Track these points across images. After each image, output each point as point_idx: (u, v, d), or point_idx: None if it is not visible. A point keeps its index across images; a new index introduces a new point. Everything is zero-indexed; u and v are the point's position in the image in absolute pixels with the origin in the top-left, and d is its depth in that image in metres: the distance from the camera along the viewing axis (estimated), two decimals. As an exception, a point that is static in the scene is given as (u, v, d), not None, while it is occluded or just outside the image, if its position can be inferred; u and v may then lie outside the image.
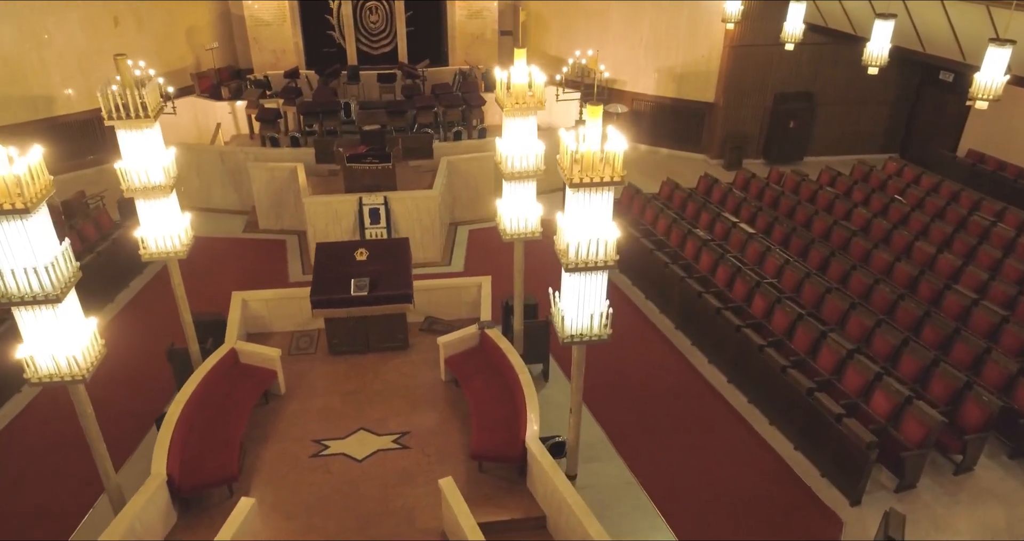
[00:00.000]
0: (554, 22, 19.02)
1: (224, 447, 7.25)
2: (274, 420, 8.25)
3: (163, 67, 17.41)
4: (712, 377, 10.42)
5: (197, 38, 18.27)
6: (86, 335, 5.75)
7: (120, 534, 6.11)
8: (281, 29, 18.44)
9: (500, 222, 8.20)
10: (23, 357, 5.51)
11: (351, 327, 9.15)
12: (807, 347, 9.83)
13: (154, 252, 7.52)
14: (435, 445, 7.91)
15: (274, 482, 7.44)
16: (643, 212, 13.92)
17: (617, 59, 18.17)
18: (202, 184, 15.18)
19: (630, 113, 18.64)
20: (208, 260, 13.64)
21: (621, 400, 9.88)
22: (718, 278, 11.59)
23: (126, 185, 7.07)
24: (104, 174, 16.00)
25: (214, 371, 8.14)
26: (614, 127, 5.57)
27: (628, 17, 17.64)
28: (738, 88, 17.04)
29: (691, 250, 12.36)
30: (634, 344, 11.13)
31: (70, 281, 5.46)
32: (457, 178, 14.41)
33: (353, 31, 18.70)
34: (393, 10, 18.52)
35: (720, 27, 15.97)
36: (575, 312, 6.11)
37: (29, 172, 4.94)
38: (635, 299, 12.36)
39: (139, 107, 6.68)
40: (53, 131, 16.24)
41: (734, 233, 12.70)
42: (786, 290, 11.24)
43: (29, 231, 5.06)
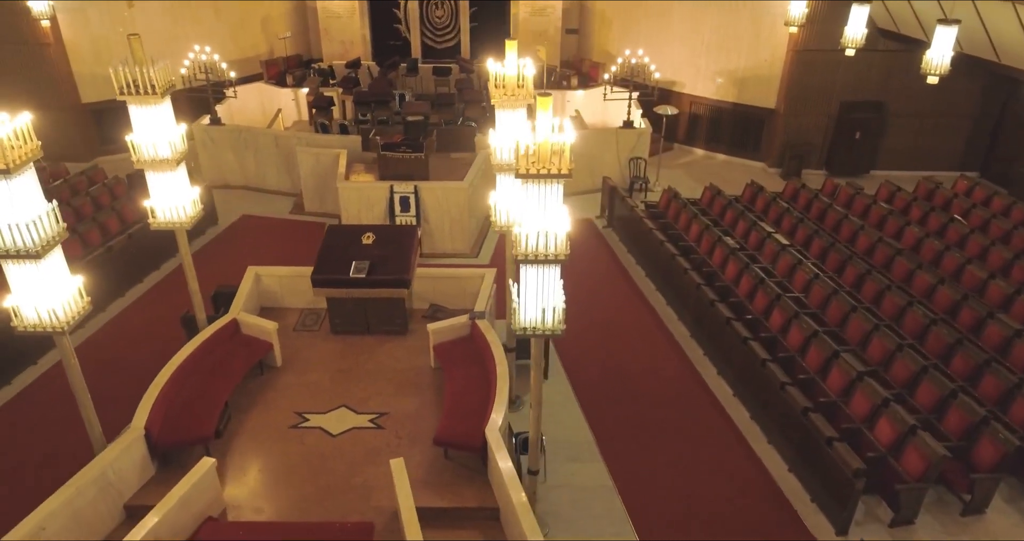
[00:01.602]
0: (616, 21, 18.82)
1: (206, 409, 7.64)
2: (264, 390, 8.62)
3: (238, 53, 18.43)
4: (718, 389, 10.09)
5: (272, 27, 19.20)
6: (69, 291, 6.21)
7: (91, 478, 6.56)
8: (351, 21, 19.12)
9: (492, 214, 8.23)
10: (10, 306, 6.02)
11: (352, 308, 9.42)
12: (818, 366, 9.36)
13: (162, 222, 8.00)
14: (408, 428, 8.05)
15: (249, 448, 7.78)
16: (677, 217, 13.59)
17: (677, 61, 17.80)
18: (258, 166, 15.97)
19: (687, 117, 18.23)
20: (253, 237, 14.41)
21: (617, 403, 9.74)
22: (741, 288, 11.20)
23: (136, 157, 7.57)
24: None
25: (213, 338, 8.59)
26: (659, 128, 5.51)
27: (690, 18, 17.24)
28: (801, 95, 16.34)
29: (718, 258, 11.99)
30: (643, 348, 10.93)
31: (54, 239, 5.91)
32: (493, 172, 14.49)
33: (419, 25, 19.16)
34: (458, 6, 18.83)
35: (783, 31, 15.37)
36: (528, 305, 6.08)
37: (14, 136, 5.40)
38: (655, 304, 12.12)
39: (148, 84, 7.13)
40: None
41: (768, 243, 12.22)
42: (811, 305, 10.73)
43: (13, 191, 5.52)
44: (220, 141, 15.80)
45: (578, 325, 11.34)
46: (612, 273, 13.08)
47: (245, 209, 15.39)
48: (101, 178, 14.59)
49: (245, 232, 14.55)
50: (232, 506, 7.10)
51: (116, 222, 13.13)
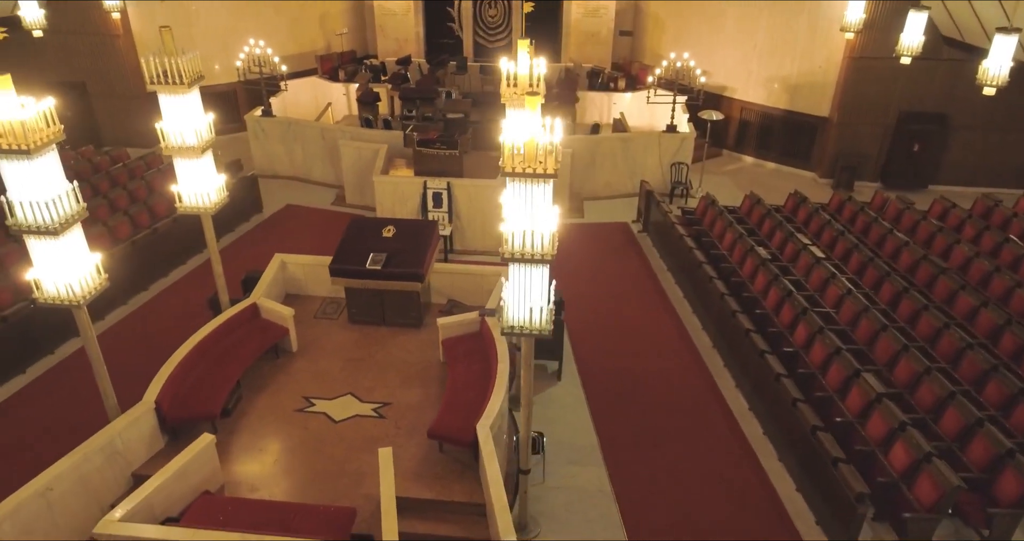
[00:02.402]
0: (670, 23, 18.54)
1: (216, 388, 7.95)
2: (276, 374, 8.90)
3: (295, 48, 19.02)
4: (734, 402, 9.85)
5: (329, 24, 19.72)
6: (87, 268, 6.57)
7: (99, 445, 6.93)
8: (405, 19, 19.47)
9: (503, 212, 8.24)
10: (31, 279, 6.42)
11: (368, 299, 9.62)
12: (838, 384, 9.03)
13: (188, 206, 8.37)
14: (409, 419, 8.17)
15: (255, 428, 8.06)
16: (713, 224, 13.30)
17: (728, 65, 17.41)
18: (305, 157, 16.46)
19: (737, 123, 17.81)
20: (293, 226, 14.85)
21: (628, 409, 9.63)
22: (768, 301, 10.88)
23: (164, 144, 7.94)
24: (236, 141, 17.75)
25: (232, 320, 8.92)
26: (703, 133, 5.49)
27: (743, 21, 16.83)
28: (856, 103, 15.73)
29: (749, 268, 11.68)
30: (662, 356, 10.76)
31: (73, 218, 6.28)
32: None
33: (472, 24, 19.33)
34: (511, 6, 18.92)
35: (839, 36, 14.84)
36: (516, 304, 6.09)
37: (37, 119, 5.76)
38: (681, 312, 11.91)
39: (176, 75, 7.47)
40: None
41: (802, 255, 11.83)
42: (840, 322, 10.35)
43: (34, 170, 5.89)
44: (270, 132, 16.35)
45: (598, 328, 11.31)
46: (640, 278, 12.91)
47: (289, 199, 15.87)
48: (157, 163, 15.30)
49: (287, 221, 15.01)
50: (231, 482, 7.38)
51: (165, 205, 13.72)
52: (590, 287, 12.54)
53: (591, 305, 11.97)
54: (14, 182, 5.91)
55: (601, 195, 15.88)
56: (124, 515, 6.13)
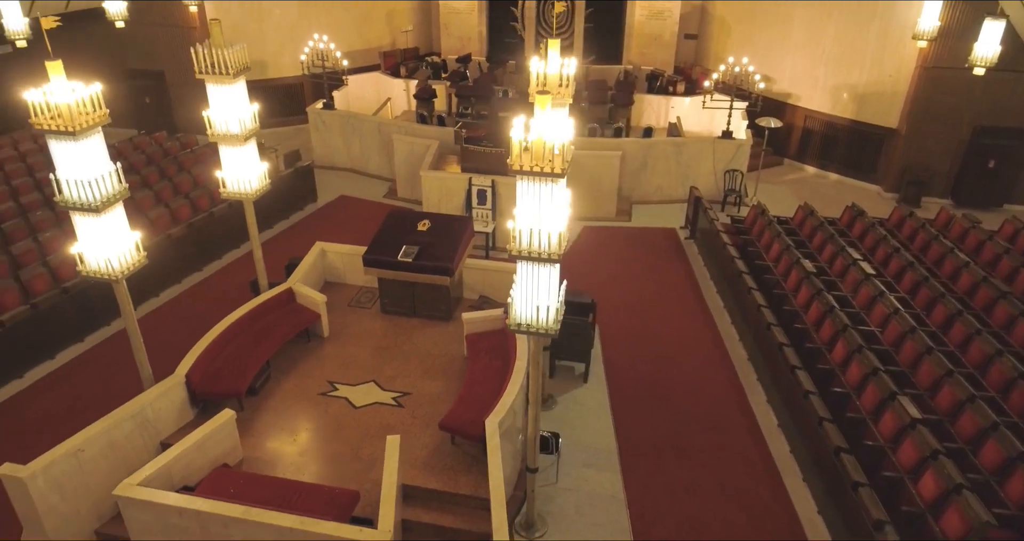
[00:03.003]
0: (735, 28, 18.12)
1: (244, 367, 8.28)
2: (306, 357, 9.20)
3: (361, 44, 19.54)
4: (763, 417, 9.58)
5: (395, 21, 20.16)
6: (126, 245, 6.96)
7: (129, 413, 7.34)
8: (469, 17, 19.70)
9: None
10: (75, 252, 6.85)
11: (400, 291, 9.81)
12: (872, 406, 8.65)
13: (230, 192, 8.74)
14: (426, 410, 8.30)
15: (279, 407, 8.35)
16: (761, 234, 12.94)
17: (794, 71, 16.89)
18: (362, 150, 16.89)
19: (800, 131, 17.26)
20: (344, 216, 15.27)
21: (652, 416, 9.49)
22: (809, 315, 10.52)
23: (211, 131, 8.32)
24: (300, 132, 18.38)
25: (268, 303, 9.27)
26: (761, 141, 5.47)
27: (811, 26, 16.28)
28: (927, 115, 14.99)
29: (793, 281, 11.31)
30: (694, 365, 10.55)
31: (114, 197, 6.66)
32: (579, 173, 14.47)
33: (534, 24, 19.39)
34: (574, 6, 18.88)
35: (912, 44, 14.18)
36: (523, 301, 6.11)
37: (82, 103, 6.14)
38: (719, 322, 11.64)
39: (223, 65, 7.82)
40: (265, 91, 18.99)
41: (851, 271, 11.37)
42: (884, 342, 9.91)
43: (80, 151, 6.29)
44: (330, 124, 16.85)
45: (632, 333, 11.19)
46: (681, 285, 12.69)
47: (344, 190, 16.32)
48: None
49: (338, 211, 15.44)
50: (250, 457, 7.68)
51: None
52: (629, 291, 12.41)
53: (627, 309, 11.85)
54: (62, 161, 6.33)
55: (652, 199, 15.68)
56: (143, 480, 6.48)
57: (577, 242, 14.19)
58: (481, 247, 13.35)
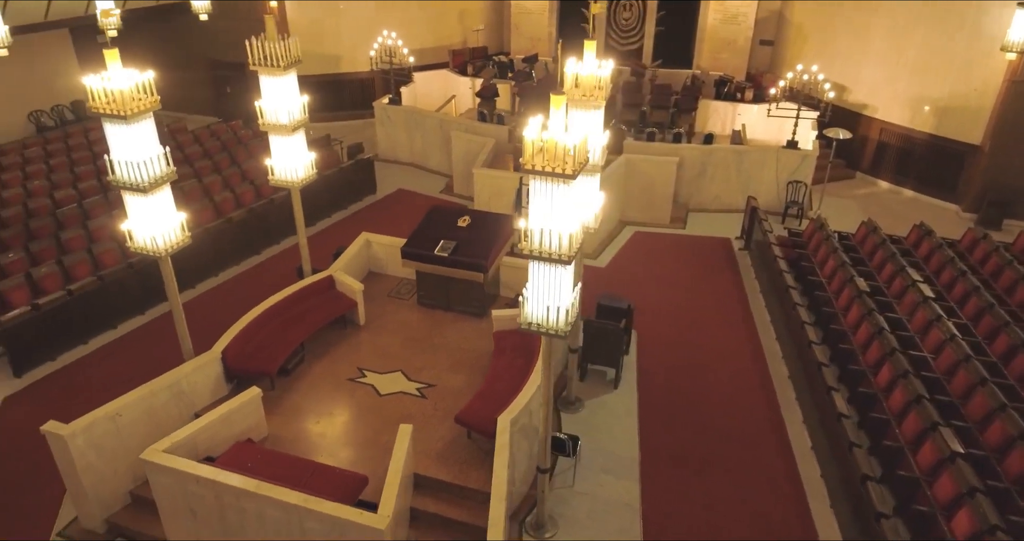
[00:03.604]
0: (813, 35, 17.47)
1: (277, 349, 8.62)
2: (340, 342, 9.48)
3: (433, 41, 19.92)
4: (797, 438, 9.24)
5: (468, 20, 20.43)
6: (171, 225, 7.37)
7: (165, 384, 7.77)
8: (540, 18, 19.77)
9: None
10: (125, 229, 7.31)
11: (436, 284, 9.98)
12: (912, 436, 8.21)
13: (278, 180, 9.10)
14: (448, 403, 8.42)
15: (307, 389, 8.65)
16: (817, 249, 12.44)
17: (872, 81, 16.15)
18: (423, 146, 17.22)
19: (875, 144, 16.50)
20: (399, 209, 15.62)
21: (680, 428, 9.30)
22: (858, 336, 10.07)
23: (262, 121, 8.69)
24: (369, 125, 18.87)
25: (308, 288, 9.60)
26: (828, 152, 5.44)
27: (893, 35, 15.51)
28: (1014, 132, 14.05)
29: (845, 299, 10.84)
30: (731, 380, 10.27)
31: (161, 179, 7.07)
32: (634, 178, 14.33)
33: (604, 26, 19.25)
34: (646, 9, 18.65)
35: (1001, 56, 13.33)
36: (535, 301, 6.12)
37: (134, 89, 6.55)
38: (763, 337, 11.28)
39: (275, 58, 8.16)
40: (338, 85, 19.68)
41: (910, 292, 10.81)
42: (936, 369, 9.37)
43: (131, 134, 6.71)
44: (395, 119, 17.26)
45: (670, 342, 11.00)
46: (729, 297, 12.35)
47: (403, 183, 16.69)
48: (291, 141, 16.63)
49: (395, 204, 15.80)
50: (274, 434, 7.99)
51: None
52: (673, 299, 12.18)
53: (670, 318, 11.64)
54: (115, 143, 6.77)
55: (709, 208, 15.33)
56: (169, 447, 6.85)
57: (626, 247, 14.05)
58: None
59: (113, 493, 7.54)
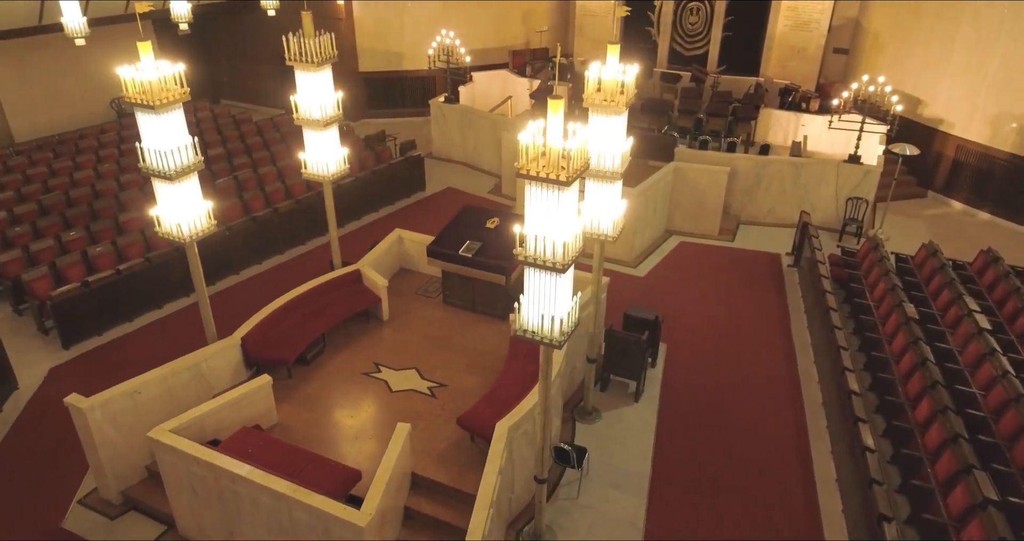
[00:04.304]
0: (890, 45, 16.57)
1: (297, 338, 8.79)
2: (361, 336, 9.60)
3: (497, 42, 19.97)
4: (822, 468, 8.77)
5: (532, 21, 20.37)
6: (197, 212, 7.62)
7: (185, 365, 8.04)
8: (605, 21, 19.50)
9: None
10: (154, 214, 7.60)
11: (461, 284, 9.97)
12: (945, 477, 7.66)
13: (310, 173, 9.28)
14: (457, 404, 8.39)
15: (322, 380, 8.79)
16: (870, 270, 11.78)
17: (950, 95, 15.19)
18: (476, 145, 17.28)
19: (950, 162, 15.51)
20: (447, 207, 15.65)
21: (698, 448, 8.98)
22: (901, 365, 9.48)
23: (296, 115, 8.88)
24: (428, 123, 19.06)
25: (335, 281, 9.76)
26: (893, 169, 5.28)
27: (975, 48, 14.53)
28: (1105, 155, 12.92)
29: (891, 325, 10.23)
30: (760, 401, 9.86)
31: (188, 168, 7.31)
32: (683, 186, 13.94)
33: (670, 30, 18.84)
34: (714, 13, 18.12)
35: (1094, 72, 12.28)
36: (530, 308, 6.00)
37: (167, 81, 6.79)
38: (801, 359, 10.76)
39: (310, 54, 8.32)
40: (400, 82, 20.00)
41: (965, 322, 10.08)
42: (983, 407, 8.71)
43: (160, 124, 6.96)
44: (449, 118, 17.38)
45: (701, 358, 10.65)
46: (770, 315, 11.83)
47: (453, 182, 16.79)
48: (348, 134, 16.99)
49: (442, 202, 15.90)
50: (283, 422, 8.16)
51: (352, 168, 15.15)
52: (711, 314, 11.77)
53: (704, 333, 11.26)
54: (146, 132, 7.04)
55: (763, 221, 14.76)
56: (176, 427, 7.09)
57: (670, 257, 13.68)
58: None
59: (129, 467, 7.86)
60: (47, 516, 7.89)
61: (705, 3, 18.13)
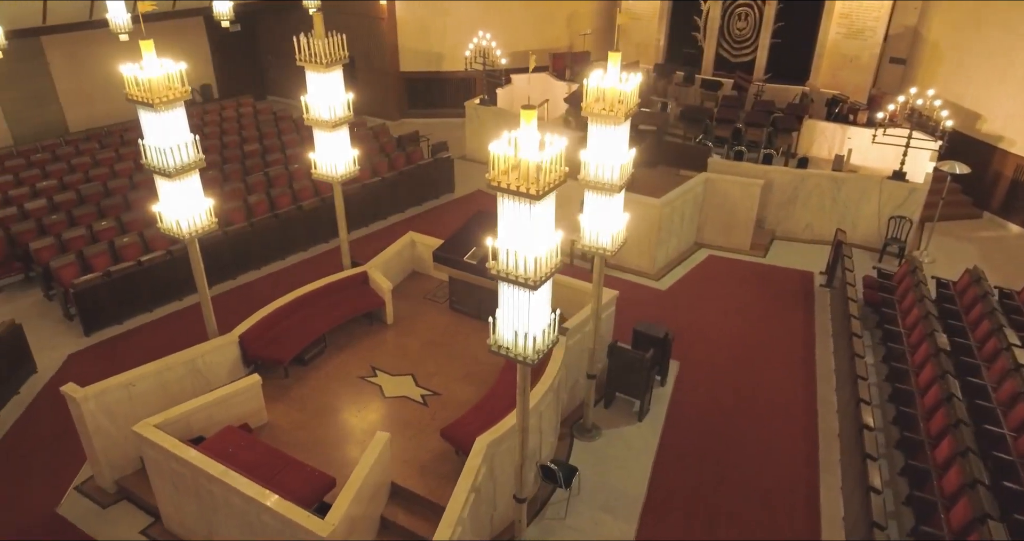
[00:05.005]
0: (949, 56, 15.67)
1: (296, 338, 8.80)
2: (362, 339, 9.56)
3: (538, 44, 19.78)
4: (829, 505, 8.28)
5: (576, 24, 20.09)
6: (198, 210, 7.68)
7: (181, 360, 8.13)
8: (648, 25, 19.10)
9: (580, 232, 7.83)
10: (156, 210, 7.70)
11: (466, 291, 9.82)
12: (959, 526, 7.10)
13: (320, 173, 9.28)
14: (448, 413, 8.24)
15: (316, 381, 8.77)
16: (905, 294, 11.11)
17: (1011, 111, 14.25)
18: (509, 148, 17.10)
19: (1009, 182, 14.56)
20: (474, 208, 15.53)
21: (699, 475, 8.60)
22: (926, 399, 8.88)
23: (306, 115, 8.88)
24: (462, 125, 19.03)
25: (341, 282, 9.74)
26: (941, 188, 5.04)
27: (1041, 60, 13.57)
28: None
29: (921, 356, 9.60)
30: (772, 429, 9.39)
31: (188, 166, 7.37)
32: (714, 198, 13.46)
33: (716, 36, 18.30)
34: (763, 19, 17.50)
35: None
36: (504, 323, 5.80)
37: (165, 80, 6.85)
38: (821, 386, 10.22)
39: (320, 55, 8.30)
40: (439, 83, 20.00)
41: (1002, 357, 9.38)
42: (1013, 451, 8.06)
43: (160, 121, 7.03)
44: (484, 120, 17.27)
45: (714, 379, 10.26)
46: (794, 338, 11.28)
47: (482, 185, 16.63)
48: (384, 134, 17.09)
49: (469, 204, 15.76)
50: (272, 422, 8.16)
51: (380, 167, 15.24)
52: (731, 333, 11.30)
53: (722, 352, 10.81)
54: (147, 129, 7.12)
55: (799, 237, 14.13)
56: (160, 423, 7.15)
57: (696, 270, 13.23)
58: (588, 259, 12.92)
59: (123, 457, 7.98)
60: (45, 500, 8.09)
61: (754, 8, 17.53)
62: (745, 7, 17.65)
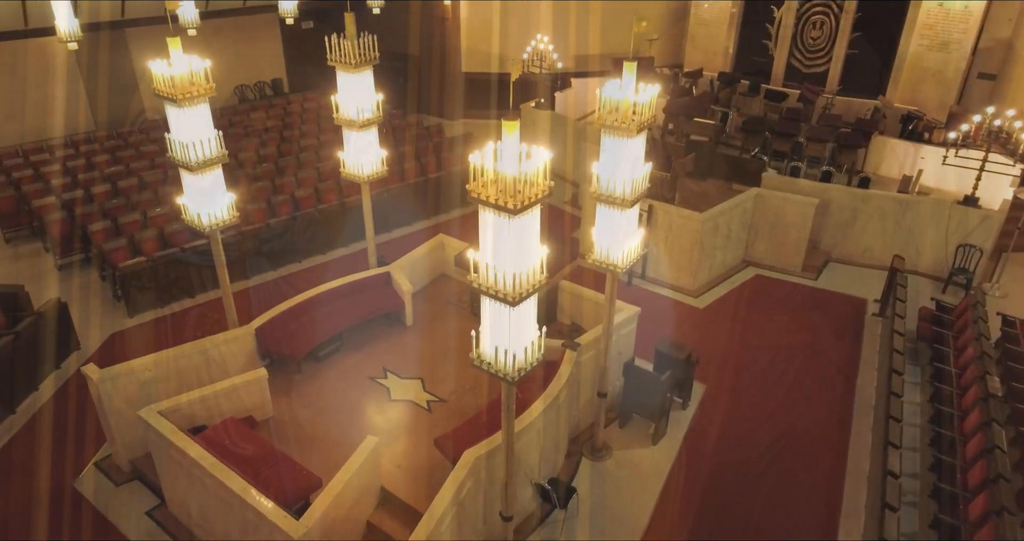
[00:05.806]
0: (1043, 71, 14.41)
1: (312, 334, 8.89)
2: (378, 339, 9.58)
3: (605, 49, 19.44)
4: (847, 547, 7.71)
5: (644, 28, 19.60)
6: (220, 204, 7.86)
7: (197, 349, 8.34)
8: (718, 31, 18.48)
9: (591, 247, 7.56)
10: (180, 203, 7.92)
11: (487, 297, 9.68)
12: (983, 592, 6.48)
13: (348, 173, 9.35)
14: (450, 422, 8.15)
15: (327, 378, 8.85)
16: (963, 330, 10.26)
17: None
18: (563, 152, 16.89)
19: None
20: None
21: (709, 509, 8.17)
22: (968, 448, 8.17)
23: (336, 115, 8.96)
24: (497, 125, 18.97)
25: (362, 282, 9.79)
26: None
27: None
28: None
29: (969, 399, 8.85)
30: (798, 466, 8.84)
31: (210, 161, 7.54)
32: (765, 215, 12.84)
33: (789, 44, 17.51)
34: (839, 29, 16.61)
35: None
36: (487, 337, 5.63)
37: (190, 76, 7.02)
38: (858, 423, 9.55)
39: (350, 55, 8.35)
40: (499, 84, 19.94)
41: (1065, 408, 8.54)
42: (1059, 515, 7.30)
43: (184, 117, 7.22)
44: (538, 124, 17.08)
45: (743, 408, 9.80)
46: (836, 369, 10.59)
47: (532, 189, 16.46)
48: (437, 134, 17.18)
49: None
50: (277, 417, 8.27)
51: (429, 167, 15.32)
52: (767, 359, 10.72)
53: (753, 378, 10.27)
54: (173, 124, 7.33)
55: (857, 261, 13.31)
56: (165, 410, 7.35)
57: (740, 289, 12.65)
58: (627, 272, 12.58)
59: (137, 438, 8.24)
60: (66, 473, 8.48)
61: (831, 16, 16.66)
62: (821, 15, 16.79)
